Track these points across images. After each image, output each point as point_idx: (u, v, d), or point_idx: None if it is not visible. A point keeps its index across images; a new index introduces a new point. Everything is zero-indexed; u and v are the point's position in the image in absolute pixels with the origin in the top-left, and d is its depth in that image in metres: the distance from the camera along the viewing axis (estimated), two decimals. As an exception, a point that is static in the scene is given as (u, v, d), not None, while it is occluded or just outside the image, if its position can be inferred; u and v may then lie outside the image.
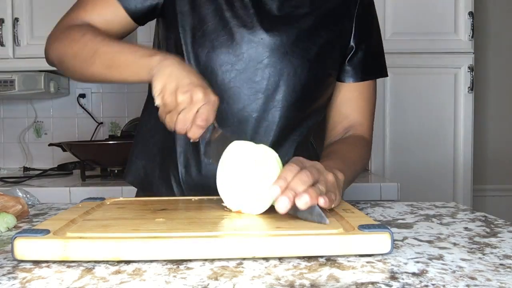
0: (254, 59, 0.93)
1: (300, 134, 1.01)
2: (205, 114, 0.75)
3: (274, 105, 0.94)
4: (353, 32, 1.00)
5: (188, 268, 0.55)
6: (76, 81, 1.74)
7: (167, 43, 0.99)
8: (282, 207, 0.64)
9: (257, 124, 0.95)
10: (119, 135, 2.27)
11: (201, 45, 0.93)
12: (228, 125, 0.94)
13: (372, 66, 1.05)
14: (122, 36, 0.99)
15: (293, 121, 0.98)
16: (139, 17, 0.97)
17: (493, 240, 0.68)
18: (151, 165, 1.03)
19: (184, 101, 0.74)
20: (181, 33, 0.94)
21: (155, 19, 1.03)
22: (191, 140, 0.78)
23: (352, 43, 1.01)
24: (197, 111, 0.75)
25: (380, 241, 0.59)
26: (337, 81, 1.03)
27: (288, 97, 0.95)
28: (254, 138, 0.94)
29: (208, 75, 0.91)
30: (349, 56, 1.01)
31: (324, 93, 1.01)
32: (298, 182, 0.65)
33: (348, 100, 1.03)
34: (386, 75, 1.08)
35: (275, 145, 0.94)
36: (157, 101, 0.77)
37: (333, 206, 0.72)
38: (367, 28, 1.03)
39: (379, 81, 2.17)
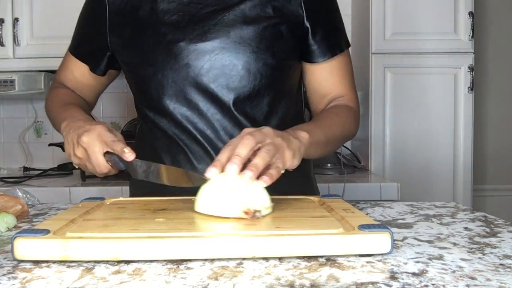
0: (195, 65, 0.96)
1: (278, 119, 1.02)
2: (87, 145, 0.83)
3: (228, 100, 0.97)
4: (304, 14, 1.00)
5: (188, 268, 0.55)
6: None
7: (131, 84, 1.07)
8: (209, 174, 0.71)
9: (224, 120, 0.97)
10: (119, 135, 2.27)
11: (145, 69, 0.99)
12: (209, 126, 0.98)
13: (335, 41, 1.04)
14: (96, 85, 1.13)
15: (265, 109, 0.99)
16: (97, 67, 1.08)
17: (493, 240, 0.68)
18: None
19: (81, 153, 0.85)
20: (133, 67, 1.02)
21: None
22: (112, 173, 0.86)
23: (306, 24, 1.00)
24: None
25: (380, 241, 0.59)
26: (307, 62, 1.04)
27: (240, 90, 0.97)
28: (233, 133, 0.96)
29: (162, 91, 0.98)
30: (309, 37, 1.01)
31: (286, 77, 1.02)
32: (229, 169, 0.70)
33: (323, 80, 1.04)
34: (349, 45, 1.08)
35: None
36: (76, 166, 0.91)
37: (288, 167, 0.78)
38: (320, 7, 1.03)
39: (378, 81, 2.17)
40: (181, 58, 0.96)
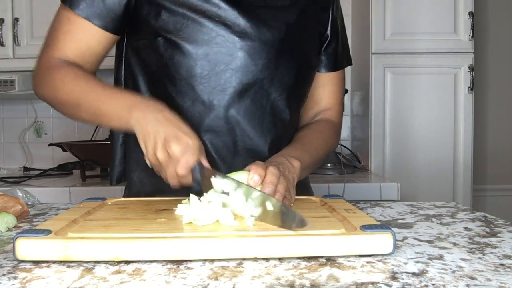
0: (247, 58, 0.91)
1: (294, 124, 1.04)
2: (184, 162, 0.77)
3: (268, 97, 0.95)
4: (329, 23, 1.05)
5: (188, 268, 0.55)
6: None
7: (139, 48, 0.96)
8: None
9: (249, 118, 0.94)
10: (119, 135, 2.27)
11: (188, 42, 0.90)
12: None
13: (343, 57, 1.10)
14: (105, 53, 0.97)
15: (290, 112, 0.99)
16: (116, 28, 0.94)
17: (493, 240, 0.68)
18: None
19: (164, 159, 0.78)
20: (159, 35, 0.91)
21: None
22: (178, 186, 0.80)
23: (328, 32, 1.05)
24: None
25: (382, 241, 0.59)
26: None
27: (280, 89, 0.96)
28: (261, 129, 0.95)
29: (199, 72, 0.90)
30: (324, 46, 1.06)
31: (311, 82, 1.05)
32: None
33: (320, 87, 1.08)
34: (351, 63, 1.14)
35: (278, 136, 0.97)
36: (148, 164, 0.82)
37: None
38: (339, 20, 1.09)
39: (378, 81, 2.17)
40: (234, 46, 0.91)
